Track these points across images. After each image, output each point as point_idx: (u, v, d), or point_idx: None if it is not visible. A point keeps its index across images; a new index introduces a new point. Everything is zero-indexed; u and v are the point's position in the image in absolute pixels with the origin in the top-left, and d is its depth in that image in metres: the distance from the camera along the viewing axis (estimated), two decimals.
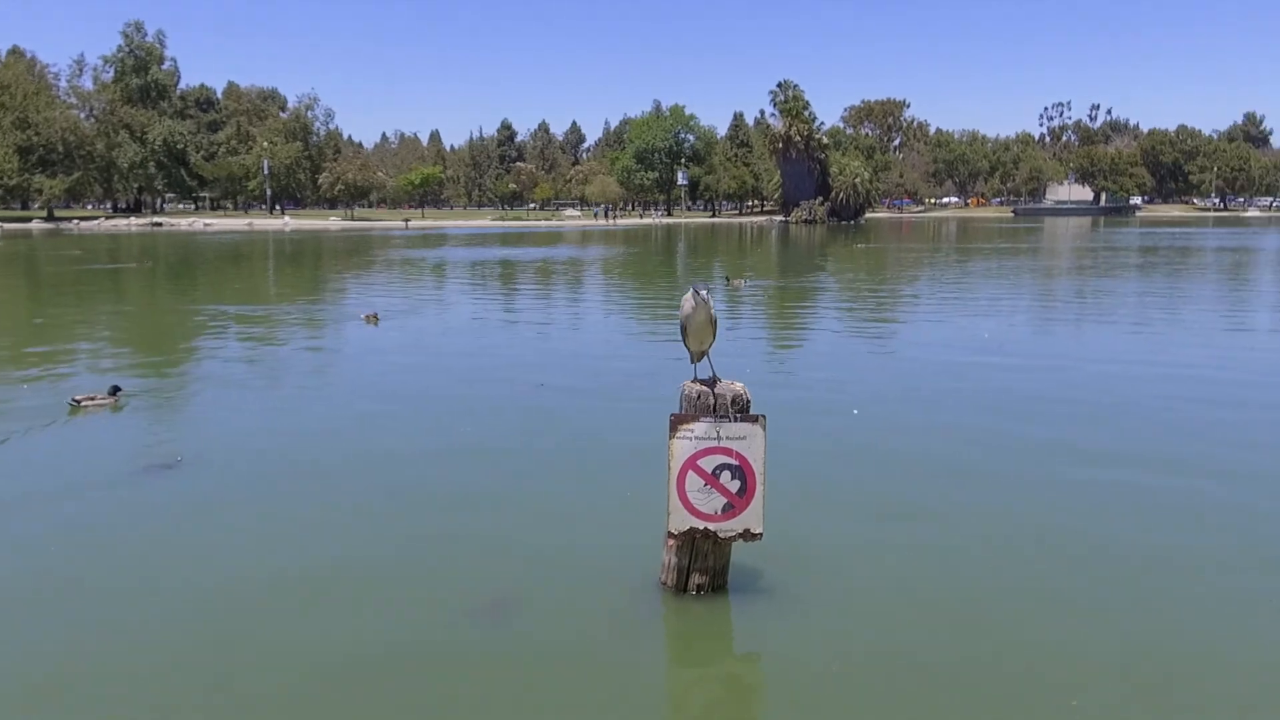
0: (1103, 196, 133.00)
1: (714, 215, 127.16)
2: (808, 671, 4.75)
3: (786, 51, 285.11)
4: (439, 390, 11.68)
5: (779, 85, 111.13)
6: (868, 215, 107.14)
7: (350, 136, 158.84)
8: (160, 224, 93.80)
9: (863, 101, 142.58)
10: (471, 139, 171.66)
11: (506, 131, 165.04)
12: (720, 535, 5.25)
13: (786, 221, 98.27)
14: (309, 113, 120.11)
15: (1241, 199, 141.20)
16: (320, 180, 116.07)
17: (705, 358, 5.37)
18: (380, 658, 4.87)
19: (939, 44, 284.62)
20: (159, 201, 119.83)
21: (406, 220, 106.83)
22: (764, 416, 5.18)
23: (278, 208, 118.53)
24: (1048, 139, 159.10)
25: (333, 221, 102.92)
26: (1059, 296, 24.34)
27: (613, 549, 6.19)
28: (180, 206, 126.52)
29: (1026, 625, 5.19)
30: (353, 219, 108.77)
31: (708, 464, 5.16)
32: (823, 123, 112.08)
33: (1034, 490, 7.41)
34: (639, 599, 5.47)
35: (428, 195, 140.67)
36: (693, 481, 5.18)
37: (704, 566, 5.36)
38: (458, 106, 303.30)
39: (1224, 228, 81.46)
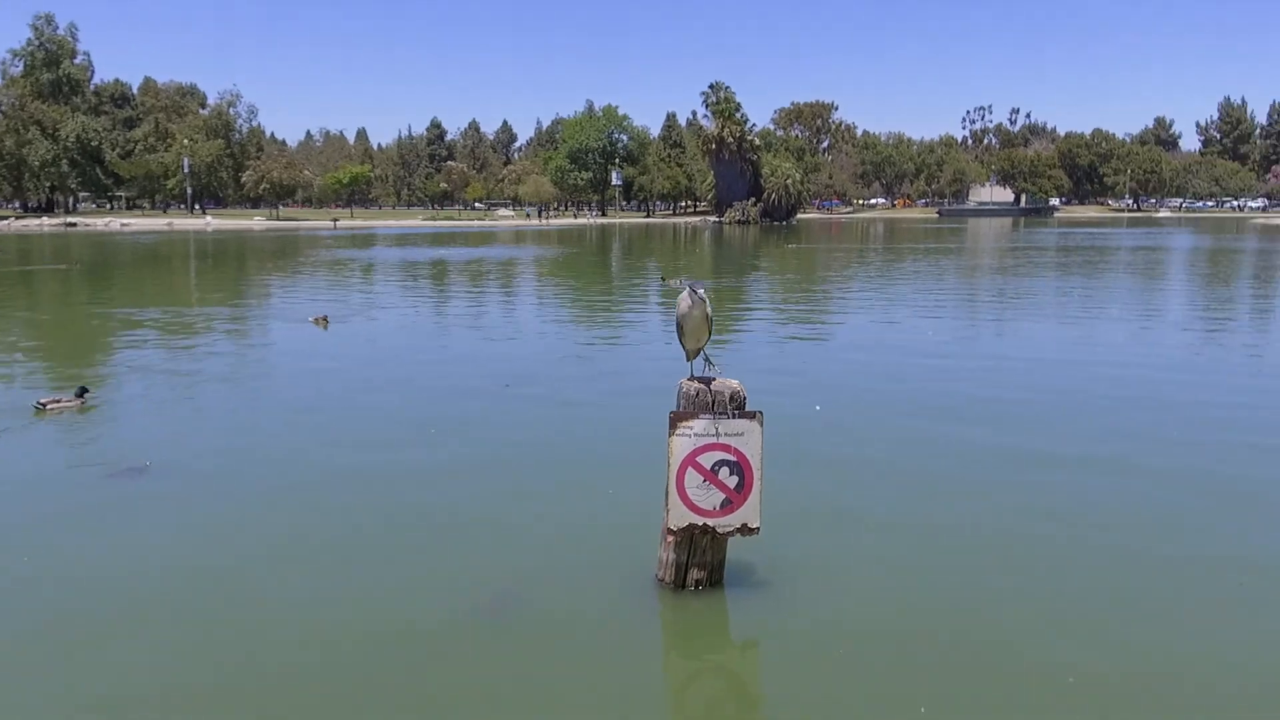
0: (1023, 198, 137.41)
1: (648, 216, 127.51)
2: (806, 663, 4.84)
3: (717, 53, 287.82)
4: (404, 392, 11.51)
5: (711, 87, 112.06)
6: (799, 216, 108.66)
7: (273, 134, 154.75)
8: (74, 224, 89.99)
9: (792, 103, 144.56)
10: (400, 137, 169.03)
11: (436, 130, 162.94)
12: (719, 531, 5.31)
13: (720, 222, 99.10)
14: (231, 109, 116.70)
15: (1153, 200, 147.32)
16: (244, 179, 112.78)
17: (700, 355, 5.41)
18: (381, 654, 4.87)
19: (865, 47, 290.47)
20: (72, 201, 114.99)
21: (335, 220, 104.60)
22: (761, 413, 5.25)
23: (198, 207, 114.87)
24: (970, 142, 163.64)
25: (257, 221, 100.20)
26: (993, 295, 25.06)
27: (606, 547, 6.22)
28: (94, 206, 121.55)
29: (1011, 610, 5.36)
30: (278, 219, 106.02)
31: (707, 460, 5.21)
32: (755, 124, 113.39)
33: (1002, 485, 7.66)
34: (637, 595, 5.51)
35: (355, 194, 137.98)
36: (692, 478, 5.22)
37: (702, 562, 5.41)
38: (385, 105, 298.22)
39: (1138, 228, 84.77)
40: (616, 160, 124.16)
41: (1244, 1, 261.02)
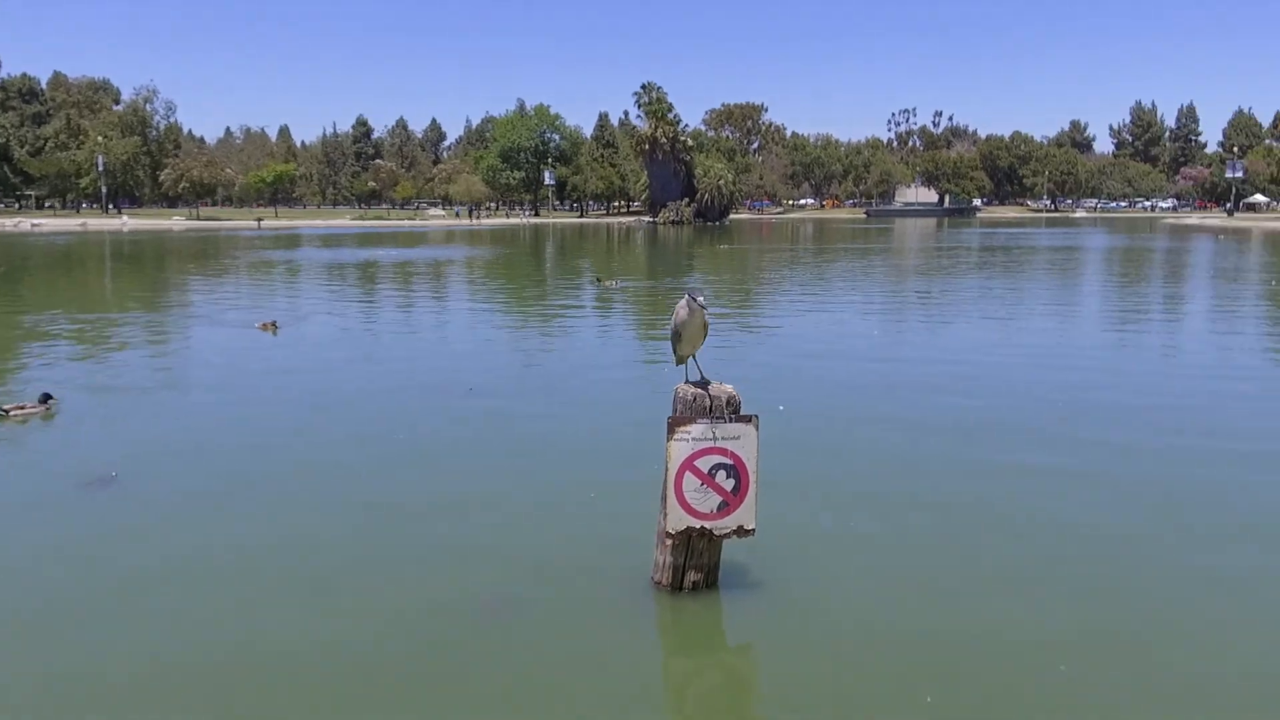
0: (947, 198, 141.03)
1: (581, 215, 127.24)
2: (803, 661, 4.94)
3: (647, 53, 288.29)
4: (371, 398, 11.33)
5: (643, 87, 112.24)
6: (731, 216, 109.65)
7: (191, 131, 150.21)
8: None
9: (723, 104, 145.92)
10: (325, 135, 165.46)
11: (363, 128, 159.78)
12: (716, 533, 5.38)
13: (654, 222, 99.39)
14: (147, 105, 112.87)
15: (1070, 200, 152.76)
16: (162, 177, 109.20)
17: (693, 360, 5.48)
18: (378, 658, 4.91)
19: (793, 49, 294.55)
20: None
21: (259, 220, 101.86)
22: (757, 416, 5.34)
23: (113, 206, 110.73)
24: (895, 144, 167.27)
25: (176, 221, 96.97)
26: (933, 295, 25.71)
27: (597, 552, 6.25)
28: (2, 205, 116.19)
29: (999, 603, 5.55)
30: (198, 218, 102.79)
31: (704, 464, 5.28)
32: (687, 124, 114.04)
33: (978, 478, 7.90)
34: (634, 598, 5.55)
35: (279, 193, 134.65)
36: (690, 482, 5.28)
37: (699, 564, 5.48)
38: (309, 102, 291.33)
39: (1057, 228, 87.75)
40: (549, 160, 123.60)
41: (1153, 9, 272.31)
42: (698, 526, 5.34)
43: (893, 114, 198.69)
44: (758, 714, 4.69)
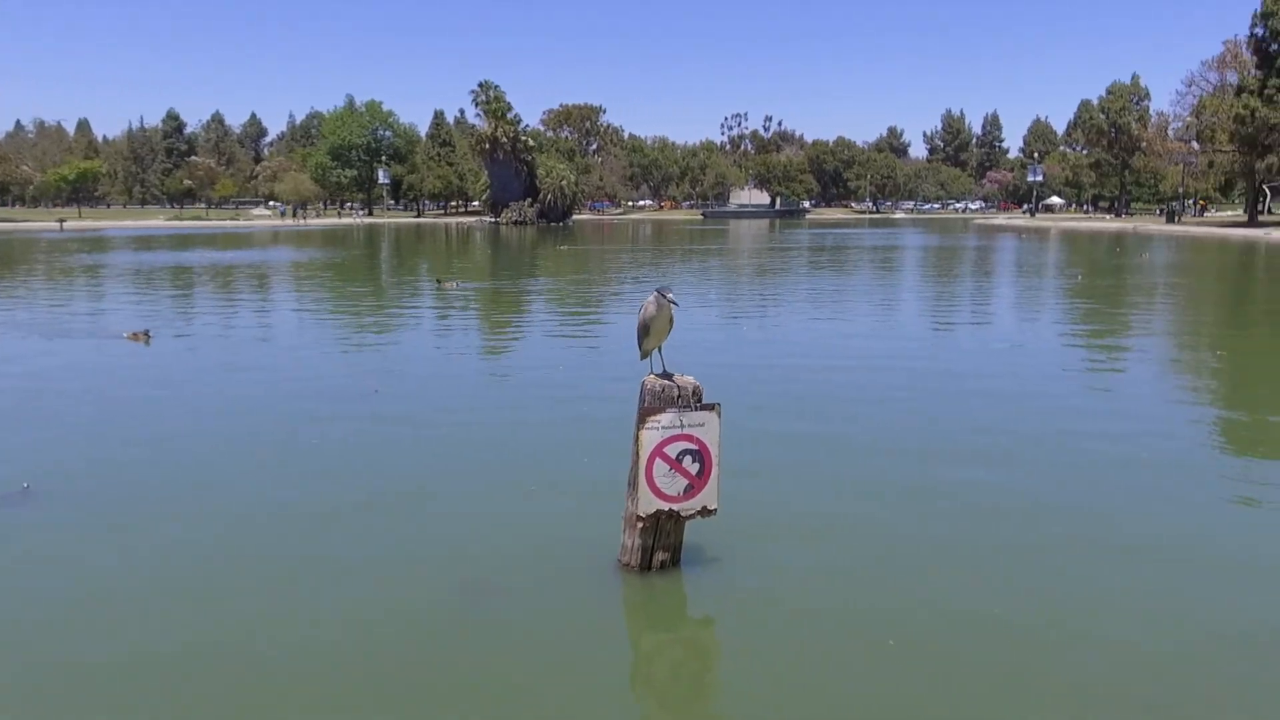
0: (778, 200, 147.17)
1: (418, 215, 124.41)
2: (766, 632, 5.36)
3: (482, 51, 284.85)
4: (276, 405, 11.01)
5: (480, 86, 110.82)
6: (574, 217, 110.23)
7: None
8: None
9: (561, 105, 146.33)
10: (131, 129, 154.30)
11: (174, 122, 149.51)
12: (682, 514, 5.75)
13: (496, 222, 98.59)
14: None
15: (889, 202, 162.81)
16: None
17: (657, 353, 5.82)
18: (348, 643, 5.11)
19: (630, 52, 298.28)
20: None
21: (62, 221, 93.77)
22: (719, 404, 5.75)
23: None
24: (729, 147, 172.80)
25: None
26: (768, 292, 27.04)
27: (552, 541, 6.47)
28: None
29: (944, 580, 6.11)
30: None
31: (672, 450, 5.64)
32: (526, 124, 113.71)
33: (907, 462, 8.64)
34: (605, 579, 5.84)
35: (80, 193, 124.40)
36: (659, 467, 5.63)
37: (666, 544, 5.84)
38: (111, 94, 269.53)
39: (880, 228, 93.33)
40: (383, 158, 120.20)
41: (961, 20, 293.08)
42: (666, 509, 5.70)
43: (726, 118, 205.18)
44: (735, 684, 5.07)
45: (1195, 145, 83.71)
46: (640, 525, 5.76)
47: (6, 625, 5.36)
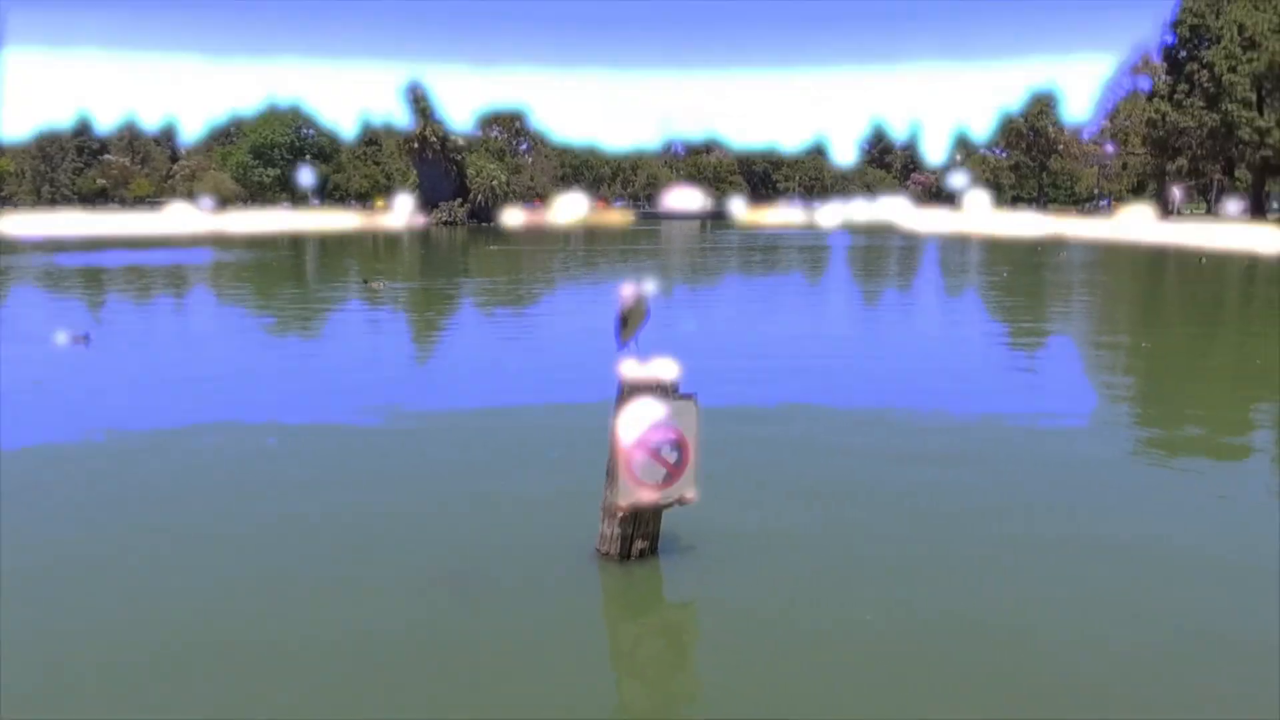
0: (713, 203, 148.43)
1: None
2: (741, 616, 5.46)
3: (407, 51, 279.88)
4: (247, 409, 10.68)
5: (409, 86, 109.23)
6: (507, 217, 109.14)
7: None
8: None
9: (489, 106, 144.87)
10: (38, 129, 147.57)
11: (84, 122, 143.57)
12: (661, 503, 5.83)
13: (426, 223, 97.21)
14: None
15: (818, 204, 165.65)
16: None
17: (632, 342, 5.89)
18: (332, 632, 5.12)
19: (558, 53, 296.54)
20: None
21: None
22: (696, 395, 5.84)
23: None
24: (660, 148, 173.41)
25: None
26: (737, 291, 27.37)
27: (530, 535, 6.51)
28: None
29: (915, 565, 6.27)
30: None
31: (652, 440, 5.71)
32: (455, 124, 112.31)
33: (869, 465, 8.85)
34: (584, 568, 5.90)
35: None
36: (639, 457, 5.69)
37: (644, 533, 5.93)
38: (18, 99, 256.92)
39: (809, 229, 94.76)
40: (307, 156, 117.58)
41: (887, 30, 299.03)
42: (645, 498, 5.76)
43: (657, 119, 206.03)
44: (722, 665, 5.15)
45: (1109, 149, 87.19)
46: (620, 515, 5.82)
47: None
